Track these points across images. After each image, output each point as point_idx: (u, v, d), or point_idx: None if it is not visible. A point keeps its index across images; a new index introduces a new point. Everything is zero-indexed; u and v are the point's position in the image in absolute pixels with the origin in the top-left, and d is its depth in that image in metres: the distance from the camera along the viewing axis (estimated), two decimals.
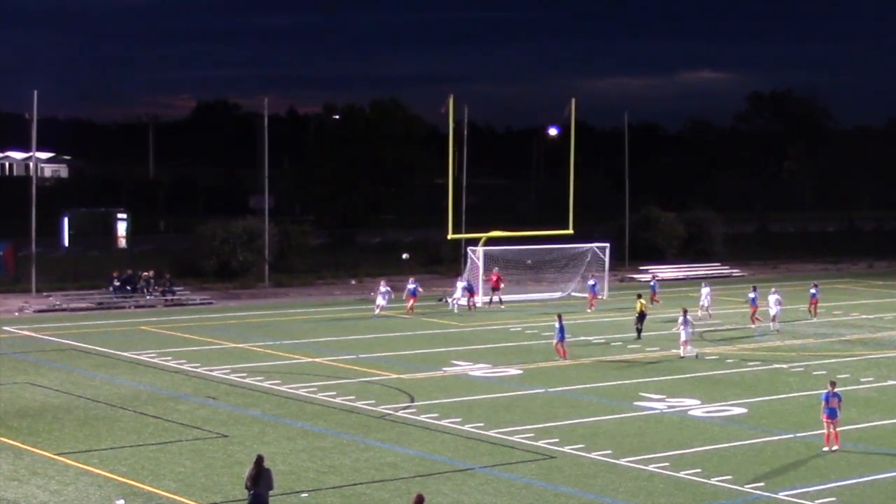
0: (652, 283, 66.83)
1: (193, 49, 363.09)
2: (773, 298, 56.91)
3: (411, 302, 61.88)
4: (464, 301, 63.58)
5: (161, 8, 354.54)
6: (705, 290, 60.86)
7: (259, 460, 25.01)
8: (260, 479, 24.84)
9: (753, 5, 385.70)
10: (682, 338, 48.83)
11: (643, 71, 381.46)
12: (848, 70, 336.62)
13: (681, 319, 49.08)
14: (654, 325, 55.43)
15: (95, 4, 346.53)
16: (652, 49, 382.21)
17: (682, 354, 48.64)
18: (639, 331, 53.13)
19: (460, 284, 64.51)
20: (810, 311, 61.89)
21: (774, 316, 56.65)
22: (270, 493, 25.23)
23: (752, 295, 59.18)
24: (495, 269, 66.57)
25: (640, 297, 55.06)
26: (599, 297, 67.19)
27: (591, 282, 65.82)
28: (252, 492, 24.88)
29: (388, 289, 62.00)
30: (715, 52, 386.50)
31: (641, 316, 53.31)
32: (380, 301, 61.05)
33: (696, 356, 48.50)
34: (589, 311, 63.10)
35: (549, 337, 53.86)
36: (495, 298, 65.35)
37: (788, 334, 55.86)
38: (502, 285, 66.08)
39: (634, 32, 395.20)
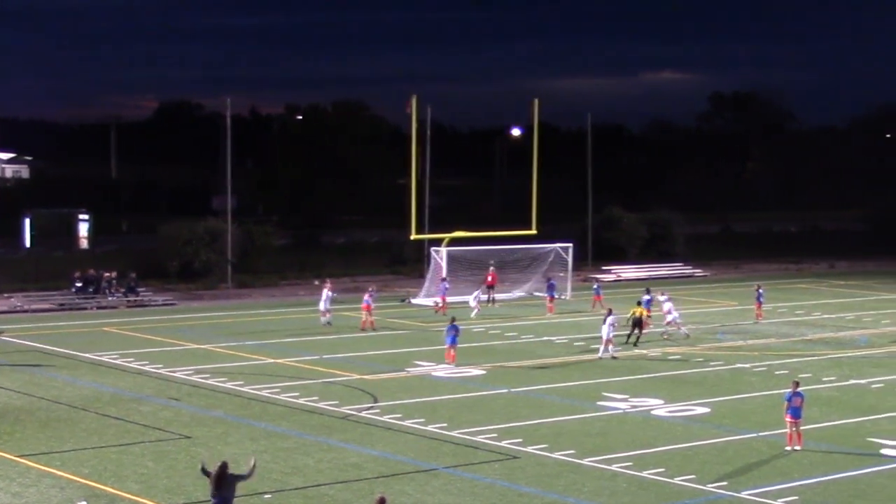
0: (595, 287, 65.69)
1: (156, 50, 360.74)
2: (667, 306, 54.83)
3: (366, 314, 55.95)
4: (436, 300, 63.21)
5: (122, 8, 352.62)
6: (662, 298, 56.75)
7: (223, 465, 24.86)
8: (223, 484, 24.72)
9: (714, 6, 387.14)
10: (604, 337, 48.32)
11: (606, 71, 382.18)
12: (811, 70, 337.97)
13: (606, 319, 48.52)
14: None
15: (56, 4, 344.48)
16: (614, 50, 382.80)
17: (600, 354, 48.27)
18: (637, 337, 51.79)
19: (476, 292, 62.50)
20: (757, 315, 60.15)
21: (672, 322, 54.18)
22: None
23: (646, 297, 56.59)
24: (491, 269, 66.57)
25: (639, 304, 53.49)
26: (563, 297, 67.18)
27: (552, 282, 65.05)
28: (215, 498, 24.74)
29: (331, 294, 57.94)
30: (676, 53, 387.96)
31: (637, 322, 51.90)
32: (323, 305, 57.09)
33: (613, 357, 48.17)
34: (549, 314, 62.31)
35: (513, 337, 54.08)
36: (489, 297, 65.33)
37: (750, 334, 56.10)
38: (496, 284, 66.22)
39: (597, 33, 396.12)
